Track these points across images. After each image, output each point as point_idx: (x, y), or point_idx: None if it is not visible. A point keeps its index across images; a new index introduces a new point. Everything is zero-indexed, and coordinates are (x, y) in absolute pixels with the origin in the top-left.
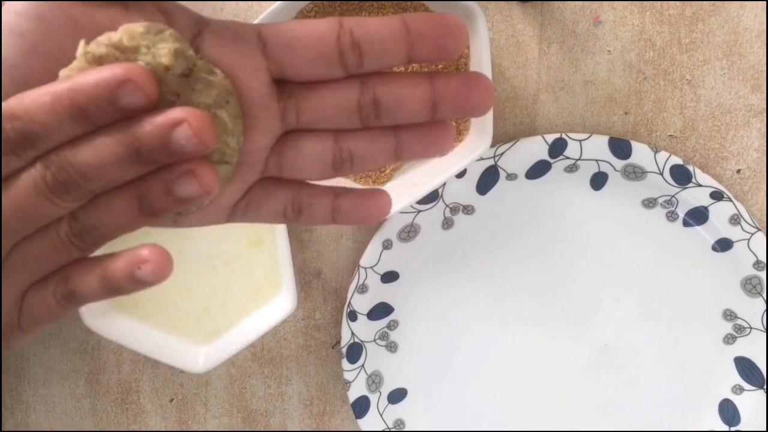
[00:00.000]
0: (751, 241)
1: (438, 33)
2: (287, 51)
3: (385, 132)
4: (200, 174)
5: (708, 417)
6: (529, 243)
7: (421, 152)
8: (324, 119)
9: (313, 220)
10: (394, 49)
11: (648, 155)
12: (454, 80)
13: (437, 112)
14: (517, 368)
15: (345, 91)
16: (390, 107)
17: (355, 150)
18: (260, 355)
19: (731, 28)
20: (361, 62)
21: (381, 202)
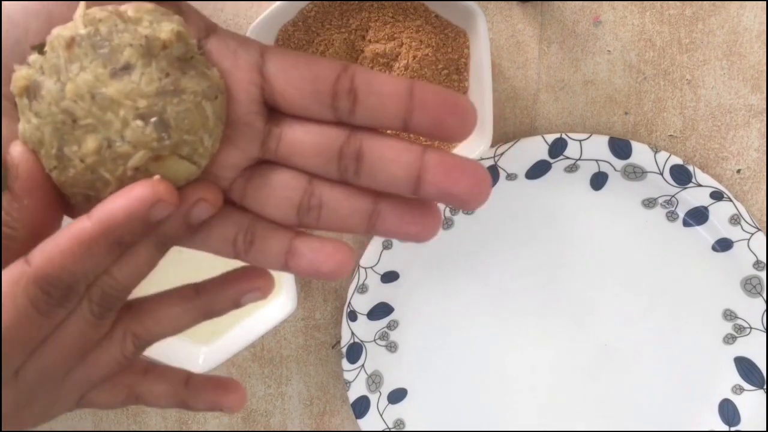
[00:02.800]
0: (751, 241)
1: (442, 107)
2: (283, 75)
3: (364, 193)
4: (263, 286)
5: (708, 417)
6: (529, 243)
7: (398, 229)
8: (302, 155)
9: (263, 259)
10: (391, 108)
11: (648, 155)
12: (448, 159)
13: (421, 188)
14: (517, 368)
15: (332, 133)
16: (372, 165)
17: (327, 200)
18: (260, 355)
19: (731, 28)
20: (353, 111)
21: (342, 257)
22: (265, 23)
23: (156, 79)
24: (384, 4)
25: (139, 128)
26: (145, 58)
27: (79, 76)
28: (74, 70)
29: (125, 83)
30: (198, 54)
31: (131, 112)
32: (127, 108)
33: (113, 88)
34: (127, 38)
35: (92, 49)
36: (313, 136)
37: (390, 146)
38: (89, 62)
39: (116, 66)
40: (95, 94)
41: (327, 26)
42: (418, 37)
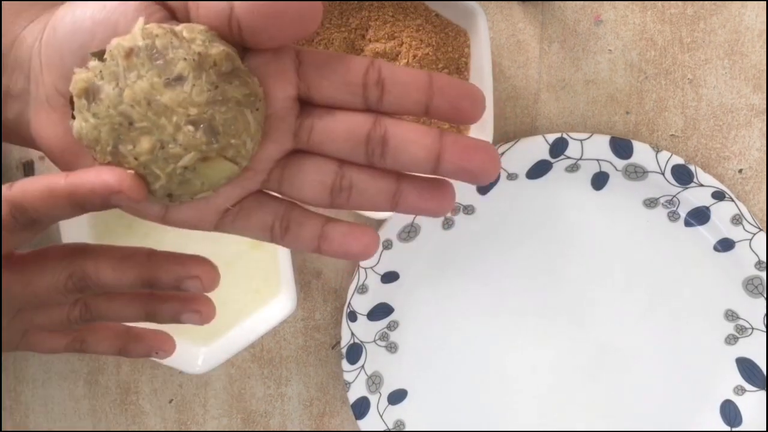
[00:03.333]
0: (752, 241)
1: (458, 93)
2: (318, 72)
3: (388, 174)
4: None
5: (709, 418)
6: (530, 243)
7: (418, 205)
8: (333, 142)
9: (298, 243)
10: (414, 95)
11: (649, 155)
12: (463, 140)
13: (440, 166)
14: (517, 368)
15: (359, 121)
16: (396, 147)
17: (356, 182)
18: (260, 355)
19: (733, 28)
20: (381, 99)
21: (368, 239)
22: None
23: (206, 90)
24: (384, 3)
25: (191, 133)
26: (196, 71)
27: (137, 83)
28: (132, 77)
29: (178, 93)
30: (242, 66)
31: (183, 118)
32: (179, 114)
33: (167, 96)
34: (182, 53)
35: (149, 60)
36: (342, 124)
37: (412, 130)
38: (146, 71)
39: (170, 77)
40: (151, 100)
41: (327, 25)
42: (418, 36)
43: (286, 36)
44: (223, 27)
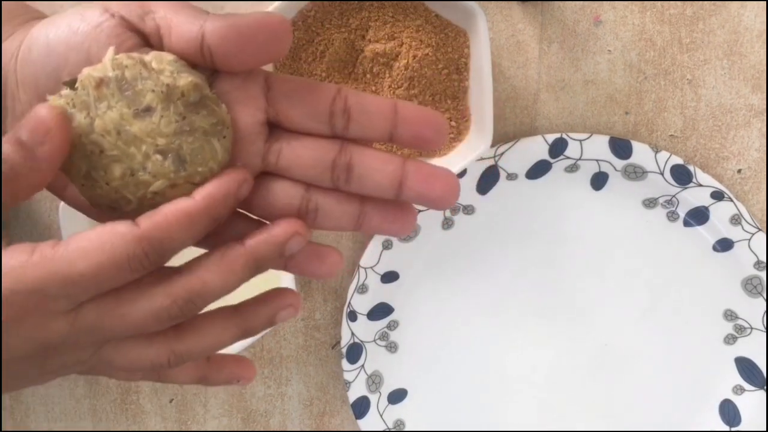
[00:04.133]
0: (751, 241)
1: (421, 122)
2: (286, 99)
3: (352, 197)
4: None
5: (709, 417)
6: (530, 243)
7: (381, 227)
8: (300, 167)
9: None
10: (379, 124)
11: (648, 155)
12: (424, 168)
13: (402, 193)
14: (517, 368)
15: (325, 147)
16: (361, 174)
17: (322, 205)
18: (260, 355)
19: (732, 28)
20: (347, 127)
21: (333, 260)
22: None
23: (173, 121)
24: (384, 3)
25: (159, 162)
26: (164, 102)
27: (107, 114)
28: (102, 108)
29: (147, 123)
30: (210, 93)
31: (152, 147)
32: (148, 144)
33: (136, 127)
34: (150, 85)
35: (119, 91)
36: (309, 151)
37: (376, 158)
38: (115, 102)
39: (139, 107)
40: (120, 130)
41: (327, 26)
42: (418, 36)
43: (256, 61)
44: (195, 53)
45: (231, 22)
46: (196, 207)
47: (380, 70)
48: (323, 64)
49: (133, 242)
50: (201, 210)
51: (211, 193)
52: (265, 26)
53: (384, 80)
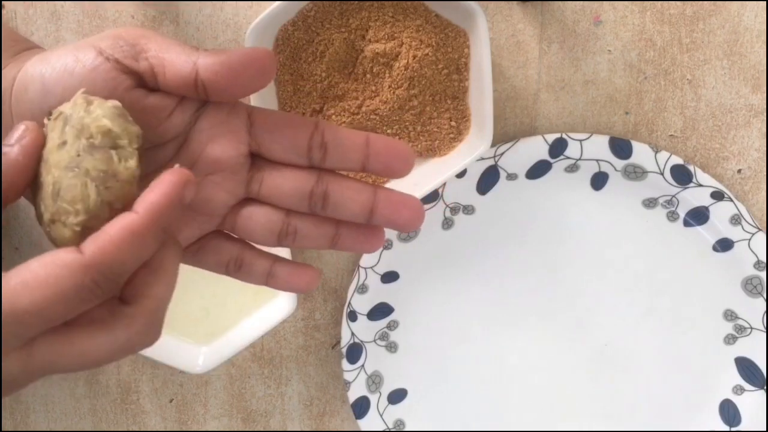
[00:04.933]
0: (751, 241)
1: (391, 155)
2: (268, 134)
3: (328, 221)
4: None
5: (708, 417)
6: (530, 243)
7: (353, 247)
8: (280, 195)
9: (249, 278)
10: (352, 156)
11: (648, 155)
12: (393, 197)
13: (373, 218)
14: (517, 368)
15: (304, 178)
16: (336, 202)
17: (300, 228)
18: (260, 355)
19: (732, 28)
20: (324, 159)
21: (309, 278)
22: (265, 23)
23: (70, 156)
24: (384, 3)
25: (48, 193)
26: (75, 138)
27: (49, 142)
28: (51, 136)
29: (59, 155)
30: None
31: (50, 179)
32: (51, 175)
33: (54, 157)
34: (74, 121)
35: (63, 124)
36: (289, 181)
37: (349, 187)
38: (57, 134)
39: (61, 140)
40: (47, 158)
41: (327, 26)
42: (418, 36)
43: (245, 92)
44: (189, 88)
45: (222, 59)
46: (141, 222)
47: (380, 70)
48: (323, 64)
49: (80, 272)
50: (147, 224)
51: (153, 202)
52: (254, 61)
53: (384, 80)
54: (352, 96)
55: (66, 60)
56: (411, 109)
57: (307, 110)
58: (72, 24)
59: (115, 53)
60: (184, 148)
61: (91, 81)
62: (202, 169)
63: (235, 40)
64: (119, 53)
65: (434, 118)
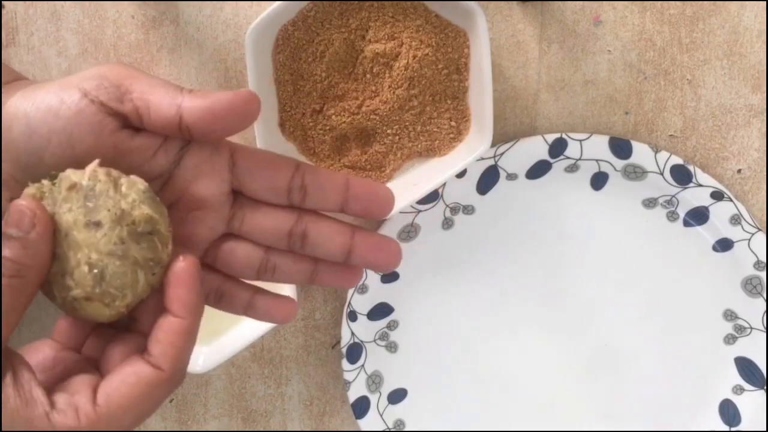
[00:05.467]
0: (751, 241)
1: (369, 198)
2: (249, 175)
3: (306, 258)
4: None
5: (708, 417)
6: (529, 243)
7: (331, 283)
8: (260, 233)
9: (230, 309)
10: (332, 199)
11: (648, 155)
12: (371, 239)
13: (350, 259)
14: (517, 368)
15: (283, 217)
16: (315, 242)
17: (279, 265)
18: (260, 355)
19: (732, 28)
20: (303, 200)
21: (288, 310)
22: (265, 23)
23: (112, 242)
24: (384, 3)
25: (84, 273)
26: (113, 223)
27: (66, 214)
28: (65, 208)
29: (90, 235)
30: (165, 231)
31: (84, 258)
32: (83, 254)
33: (82, 236)
34: (109, 204)
35: (83, 199)
36: (269, 220)
37: (328, 228)
38: (77, 207)
39: (91, 219)
40: (68, 233)
41: (327, 26)
42: (418, 36)
43: (229, 134)
44: (173, 130)
45: (206, 104)
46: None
47: (380, 70)
48: (323, 64)
49: (165, 387)
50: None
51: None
52: (237, 106)
53: (384, 80)
54: (352, 96)
55: (50, 100)
56: (411, 109)
57: (307, 110)
58: (72, 24)
59: (100, 95)
60: (168, 185)
61: (77, 123)
62: (186, 205)
63: (235, 40)
64: (104, 95)
65: (434, 118)
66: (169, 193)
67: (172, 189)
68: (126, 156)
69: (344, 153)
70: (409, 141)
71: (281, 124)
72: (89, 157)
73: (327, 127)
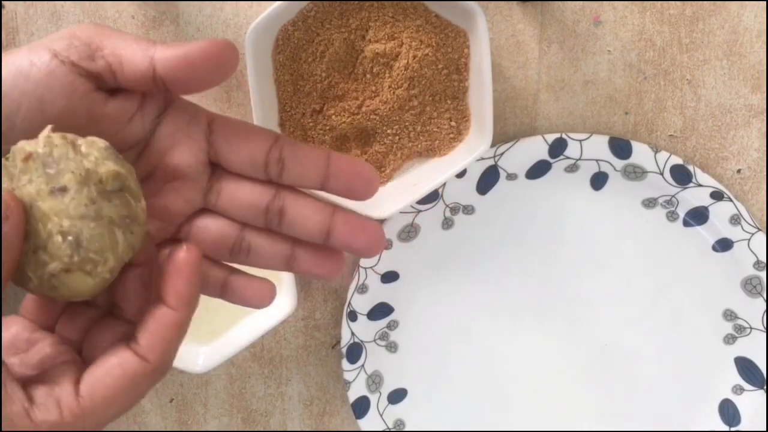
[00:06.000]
0: (751, 241)
1: (352, 175)
2: (226, 144)
3: (284, 239)
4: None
5: (708, 417)
6: (529, 243)
7: (309, 270)
8: (237, 208)
9: (204, 290)
10: (311, 175)
11: (648, 155)
12: (352, 220)
13: (329, 240)
14: (517, 368)
15: (261, 192)
16: (293, 220)
17: (255, 245)
18: (260, 355)
19: (731, 28)
20: (281, 175)
21: (264, 292)
22: (265, 23)
23: (82, 204)
24: (384, 3)
25: (58, 243)
26: (79, 185)
27: (26, 186)
28: (24, 180)
29: (57, 202)
30: (135, 187)
31: (56, 228)
32: (53, 223)
33: (47, 204)
34: (71, 166)
35: (42, 167)
36: (246, 195)
37: (307, 206)
38: (37, 177)
39: (55, 186)
40: (33, 205)
41: (327, 26)
42: (418, 36)
43: (206, 86)
44: (147, 84)
45: (180, 53)
46: (184, 316)
47: (380, 70)
48: (323, 64)
49: (150, 378)
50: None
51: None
52: (213, 54)
53: (384, 80)
54: (352, 96)
55: (20, 62)
56: (411, 109)
57: (307, 110)
58: (72, 24)
59: (70, 55)
60: (144, 154)
61: (47, 85)
62: (162, 175)
63: (235, 40)
64: (75, 55)
65: (434, 118)
66: (145, 163)
67: (147, 159)
68: (100, 122)
69: (344, 153)
70: (409, 141)
71: (281, 124)
72: (61, 122)
73: (327, 127)
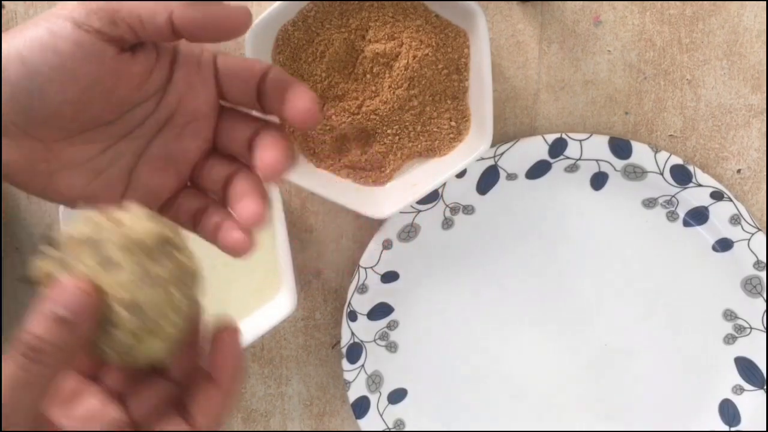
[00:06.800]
0: (751, 241)
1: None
2: (228, 80)
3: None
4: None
5: (708, 417)
6: (530, 243)
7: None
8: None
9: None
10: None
11: (648, 155)
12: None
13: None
14: (516, 368)
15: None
16: None
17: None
18: (260, 355)
19: (731, 28)
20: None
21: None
22: (265, 23)
23: (135, 273)
24: (384, 3)
25: (122, 315)
26: (124, 252)
27: (78, 268)
28: (76, 263)
29: (110, 276)
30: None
31: (116, 300)
32: (112, 298)
33: (104, 281)
34: (115, 238)
35: (90, 247)
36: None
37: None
38: (86, 258)
39: (106, 260)
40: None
41: (327, 26)
42: (418, 36)
43: (220, 39)
44: (166, 35)
45: (198, 15)
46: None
47: (380, 71)
48: (323, 64)
49: None
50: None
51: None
52: (226, 15)
53: (384, 80)
54: (352, 96)
55: (42, 36)
56: (411, 109)
57: None
58: None
59: (92, 23)
60: (162, 102)
61: (78, 56)
62: (181, 119)
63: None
64: (96, 22)
65: (434, 118)
66: (165, 109)
67: (166, 104)
68: (128, 81)
69: (344, 153)
70: (409, 141)
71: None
72: (93, 89)
73: (327, 127)
